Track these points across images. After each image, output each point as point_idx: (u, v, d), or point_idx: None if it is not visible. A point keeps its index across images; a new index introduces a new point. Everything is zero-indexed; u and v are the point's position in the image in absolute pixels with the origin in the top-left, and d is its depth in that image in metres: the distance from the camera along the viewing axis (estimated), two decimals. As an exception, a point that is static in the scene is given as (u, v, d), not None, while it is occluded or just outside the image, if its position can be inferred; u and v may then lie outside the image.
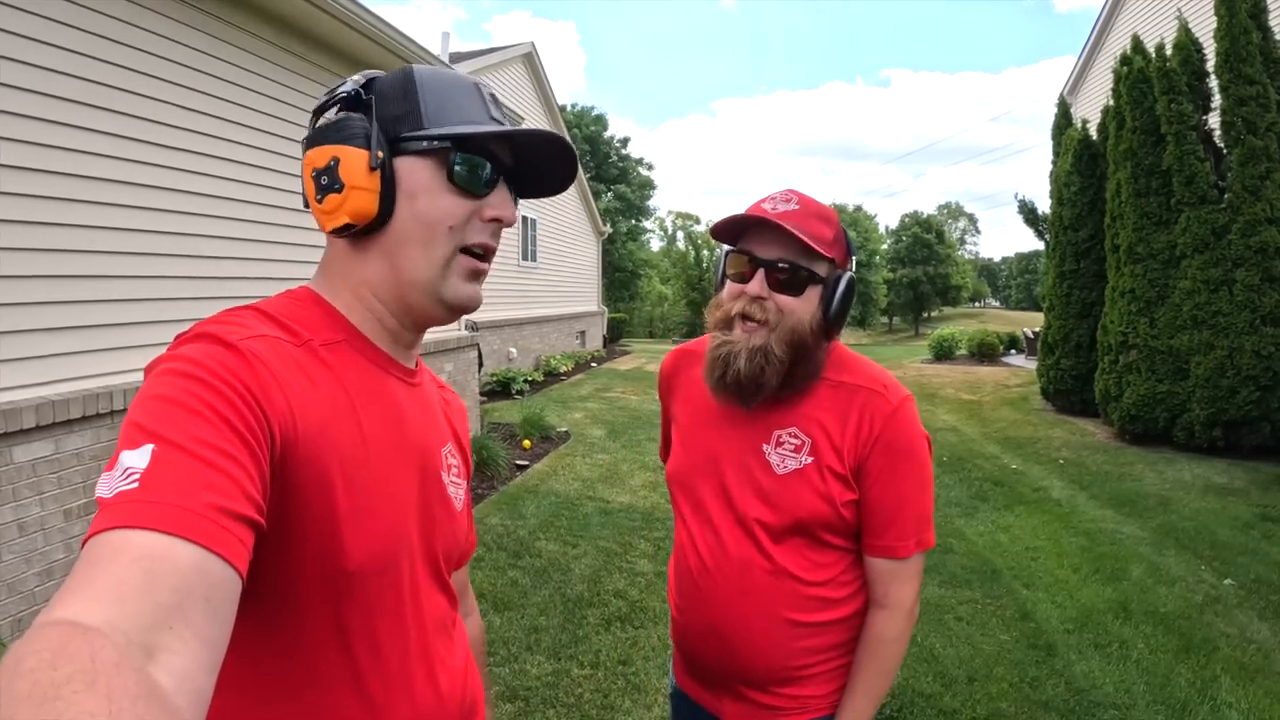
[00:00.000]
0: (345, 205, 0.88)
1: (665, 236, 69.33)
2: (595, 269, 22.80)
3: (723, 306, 1.45)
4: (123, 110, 4.14)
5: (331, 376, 0.86)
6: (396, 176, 0.89)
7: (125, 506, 0.60)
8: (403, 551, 0.91)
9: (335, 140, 0.89)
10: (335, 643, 0.85)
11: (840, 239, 1.44)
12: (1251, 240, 7.76)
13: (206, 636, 0.56)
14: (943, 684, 3.72)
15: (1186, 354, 8.23)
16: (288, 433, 0.76)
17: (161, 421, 0.66)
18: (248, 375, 0.74)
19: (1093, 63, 15.09)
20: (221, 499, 0.63)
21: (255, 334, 0.80)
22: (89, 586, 0.54)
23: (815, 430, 1.44)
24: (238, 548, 0.62)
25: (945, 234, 72.70)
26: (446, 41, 12.96)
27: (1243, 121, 7.88)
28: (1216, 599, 4.71)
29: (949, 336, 20.71)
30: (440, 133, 0.90)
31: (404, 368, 0.99)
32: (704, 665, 1.55)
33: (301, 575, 0.80)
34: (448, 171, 0.90)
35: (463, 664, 1.05)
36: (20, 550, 3.56)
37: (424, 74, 0.94)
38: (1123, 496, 6.98)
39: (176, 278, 4.57)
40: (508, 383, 12.46)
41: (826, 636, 1.48)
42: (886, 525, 1.44)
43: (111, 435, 4.04)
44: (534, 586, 4.73)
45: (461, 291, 0.94)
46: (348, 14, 5.67)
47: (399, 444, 0.93)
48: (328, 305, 0.93)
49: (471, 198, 0.92)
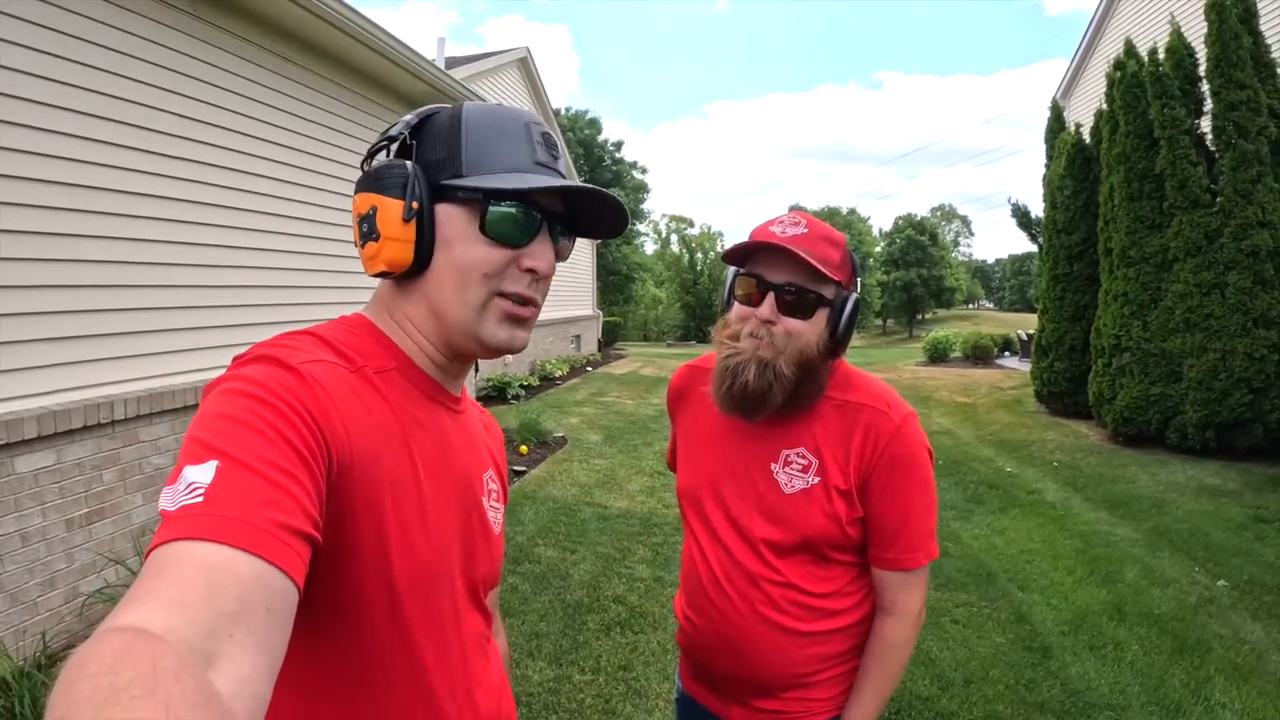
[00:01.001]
0: (382, 254, 0.90)
1: (659, 240, 69.43)
2: (590, 272, 22.80)
3: (730, 327, 1.47)
4: (122, 120, 4.16)
5: (384, 403, 0.88)
6: (436, 223, 0.91)
7: (189, 519, 0.62)
8: (446, 573, 0.94)
9: (374, 189, 0.91)
10: (384, 656, 0.87)
11: (846, 261, 1.46)
12: (1243, 244, 7.80)
13: (265, 645, 0.58)
14: (940, 686, 3.75)
15: (1179, 357, 8.27)
16: (343, 455, 0.78)
17: (225, 439, 0.68)
18: (308, 398, 0.76)
19: (1086, 66, 15.15)
20: (282, 515, 0.65)
21: (314, 359, 0.82)
22: (153, 594, 0.56)
23: (822, 449, 1.47)
24: (296, 562, 0.65)
25: (939, 236, 72.87)
26: (442, 46, 12.95)
27: (1234, 126, 7.93)
28: (1210, 600, 4.75)
29: (943, 339, 20.75)
30: (473, 184, 0.90)
31: (451, 395, 1.02)
32: (713, 673, 1.58)
33: (353, 591, 0.83)
34: (480, 222, 0.91)
35: (498, 682, 1.08)
36: (22, 560, 3.57)
37: (472, 116, 0.94)
38: (1117, 499, 7.02)
39: (178, 287, 4.59)
40: (503, 387, 12.46)
41: (832, 645, 1.51)
42: (893, 539, 1.47)
43: (113, 445, 4.06)
44: (534, 592, 4.75)
45: (499, 335, 0.94)
46: (355, 27, 5.70)
47: (445, 470, 0.96)
48: (380, 333, 0.96)
49: (508, 247, 0.92)
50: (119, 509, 4.12)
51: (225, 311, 5.01)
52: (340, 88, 6.44)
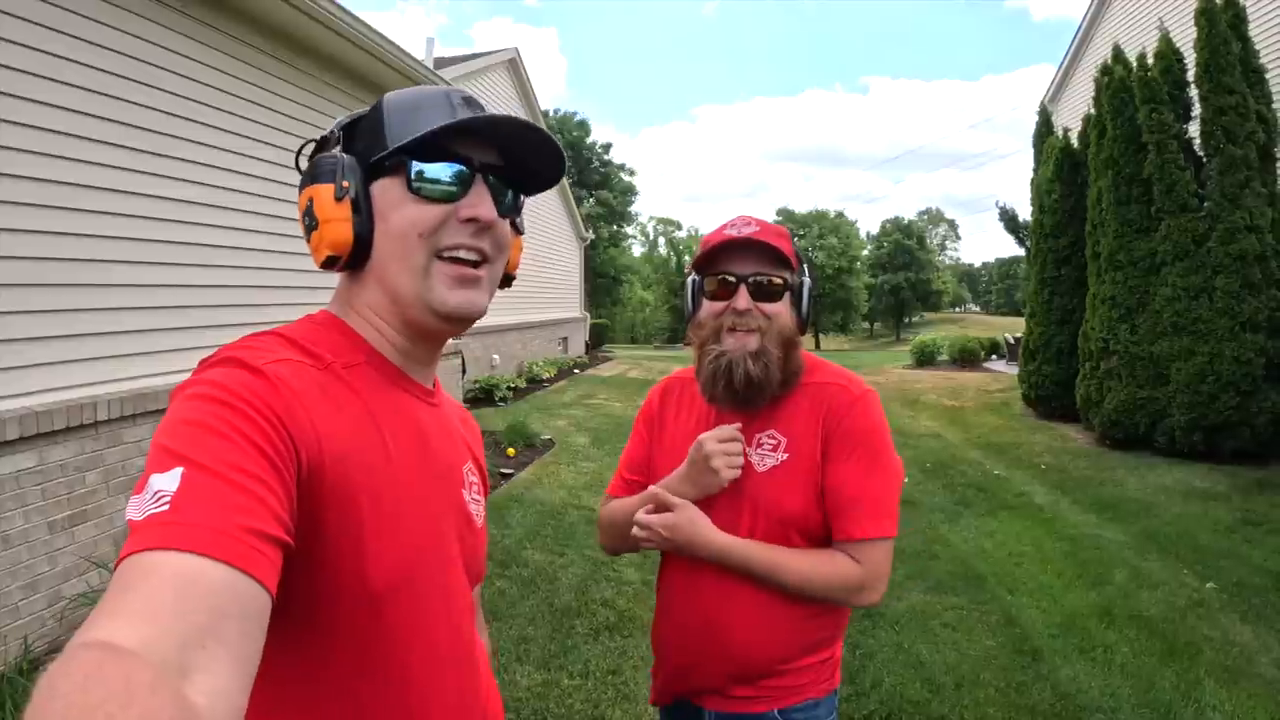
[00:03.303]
0: (324, 239, 0.90)
1: (647, 242, 69.63)
2: (578, 275, 22.79)
3: (706, 327, 1.58)
4: (105, 115, 4.12)
5: (355, 398, 0.87)
6: (372, 200, 0.91)
7: (156, 529, 0.60)
8: (429, 568, 0.93)
9: (309, 182, 0.92)
10: (364, 660, 0.86)
11: (794, 251, 1.58)
12: (1231, 248, 7.86)
13: (239, 654, 0.57)
14: (930, 690, 3.73)
15: (1167, 360, 8.31)
16: (313, 455, 0.77)
17: (190, 445, 0.67)
18: (273, 399, 0.75)
19: (1074, 71, 15.24)
20: (250, 520, 0.64)
21: (279, 358, 0.81)
22: (122, 608, 0.54)
23: (790, 428, 1.57)
24: (267, 567, 0.63)
25: (926, 240, 73.31)
26: (431, 47, 12.94)
27: (1222, 130, 7.99)
28: (1199, 603, 4.76)
29: (930, 342, 20.85)
30: (392, 150, 0.90)
31: (422, 387, 1.01)
32: (691, 664, 1.61)
33: (330, 594, 0.82)
34: (406, 181, 0.90)
35: (485, 682, 1.07)
36: (4, 564, 3.52)
37: (391, 96, 0.96)
38: (1105, 501, 7.04)
39: (163, 286, 4.54)
40: (491, 389, 12.43)
41: (808, 633, 1.56)
42: (848, 507, 1.51)
43: (96, 446, 4.01)
44: (521, 596, 4.72)
45: (449, 299, 0.92)
46: (346, 27, 5.67)
47: (422, 463, 0.94)
48: (346, 327, 0.95)
49: (442, 203, 0.91)
50: (102, 511, 4.06)
51: (211, 311, 4.96)
52: (329, 87, 6.40)
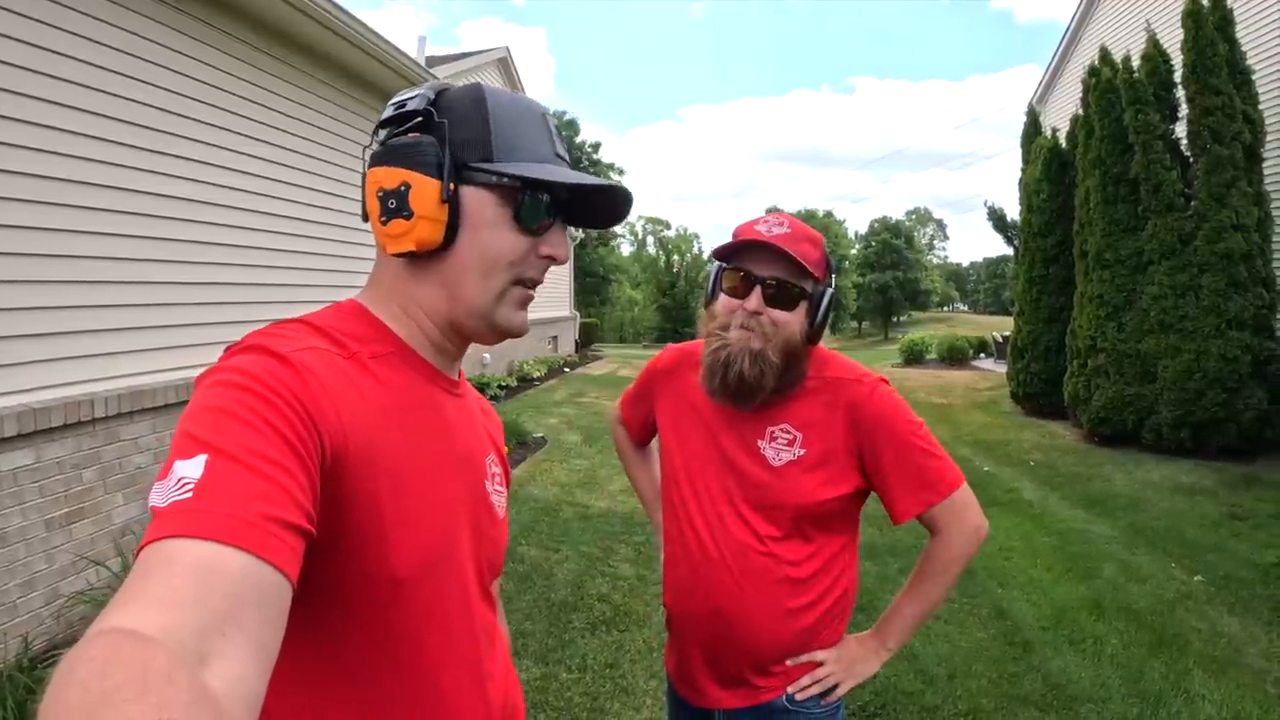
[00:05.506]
0: (413, 233, 0.88)
1: (635, 241, 69.61)
2: (567, 274, 22.76)
3: (718, 318, 1.58)
4: (102, 113, 4.12)
5: (380, 388, 0.87)
6: (461, 205, 0.90)
7: (179, 516, 0.60)
8: (451, 558, 0.93)
9: (408, 165, 0.89)
10: (384, 647, 0.86)
11: (824, 259, 1.58)
12: (1217, 246, 7.94)
13: (259, 642, 0.57)
14: (924, 681, 3.78)
15: (1154, 357, 8.40)
16: (337, 444, 0.77)
17: (214, 432, 0.67)
18: (299, 387, 0.75)
19: (1062, 72, 15.30)
20: (273, 508, 0.64)
21: (305, 346, 0.81)
22: (143, 594, 0.55)
23: (805, 423, 1.58)
24: (289, 555, 0.64)
25: (914, 239, 73.51)
26: (423, 45, 12.93)
27: (1209, 131, 8.06)
28: (1187, 595, 4.82)
29: (919, 341, 20.98)
30: (514, 172, 0.90)
31: (448, 379, 1.01)
32: (702, 650, 1.64)
33: (351, 582, 0.82)
34: (514, 210, 0.91)
35: (505, 671, 1.07)
36: (2, 561, 3.52)
37: (496, 100, 0.94)
38: (1093, 497, 7.11)
39: (159, 283, 4.54)
40: (482, 388, 12.41)
41: (809, 618, 1.58)
42: (915, 485, 1.56)
43: (93, 444, 4.01)
44: (518, 592, 4.74)
45: (514, 319, 0.96)
46: (344, 27, 5.67)
47: (446, 453, 0.95)
48: (374, 318, 0.94)
49: (531, 235, 0.93)
50: (99, 509, 4.07)
51: (208, 309, 4.96)
52: (325, 85, 6.40)
